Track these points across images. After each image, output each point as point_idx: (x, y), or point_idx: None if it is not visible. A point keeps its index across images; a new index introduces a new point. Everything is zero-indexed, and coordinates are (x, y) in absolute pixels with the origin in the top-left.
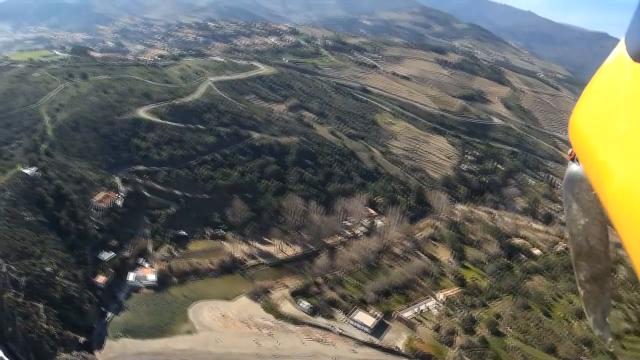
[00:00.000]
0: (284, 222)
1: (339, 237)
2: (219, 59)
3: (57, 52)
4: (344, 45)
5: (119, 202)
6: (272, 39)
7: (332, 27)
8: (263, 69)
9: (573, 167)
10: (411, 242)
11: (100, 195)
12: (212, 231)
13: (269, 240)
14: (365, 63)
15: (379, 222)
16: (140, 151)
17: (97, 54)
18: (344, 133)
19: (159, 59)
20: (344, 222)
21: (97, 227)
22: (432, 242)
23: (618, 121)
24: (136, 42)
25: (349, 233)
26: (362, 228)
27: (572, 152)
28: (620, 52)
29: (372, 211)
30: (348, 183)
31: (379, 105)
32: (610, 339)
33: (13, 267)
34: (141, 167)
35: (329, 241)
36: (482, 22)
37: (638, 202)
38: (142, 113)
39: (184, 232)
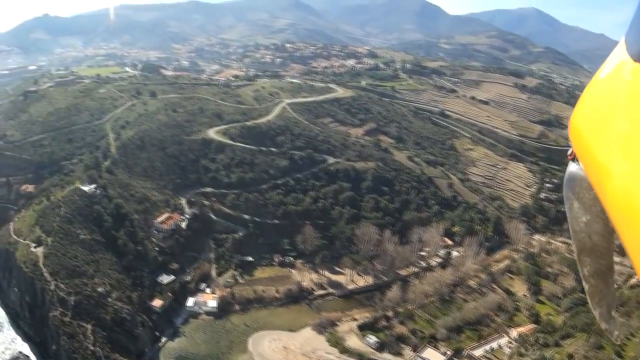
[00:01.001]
0: (357, 251)
1: (413, 268)
2: (294, 80)
3: (128, 69)
4: (422, 69)
5: (183, 224)
6: (351, 62)
7: (411, 50)
8: (340, 92)
9: (573, 167)
10: (487, 275)
11: (163, 217)
12: (280, 258)
13: (340, 270)
14: (444, 87)
15: (454, 253)
16: (209, 173)
17: (169, 73)
18: (422, 159)
19: (233, 79)
20: (419, 252)
21: (158, 249)
22: (509, 274)
23: (618, 121)
24: (212, 62)
25: (424, 264)
26: (438, 259)
27: (572, 152)
28: (620, 52)
29: (448, 241)
30: (425, 211)
31: (458, 130)
32: (616, 332)
33: (62, 286)
34: (209, 189)
35: (403, 272)
36: (557, 46)
37: (637, 202)
38: (213, 134)
39: (250, 258)
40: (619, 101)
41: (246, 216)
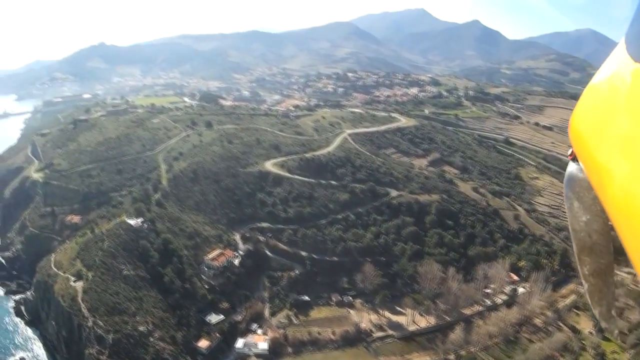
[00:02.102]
0: (419, 290)
1: (478, 307)
2: (356, 110)
3: (185, 99)
4: (485, 96)
5: (236, 261)
6: (413, 90)
7: (473, 77)
8: (403, 121)
9: (573, 167)
10: (553, 312)
11: (214, 253)
12: (338, 297)
13: (401, 310)
14: (508, 113)
15: (520, 289)
16: (265, 207)
17: (227, 103)
18: (487, 189)
19: (293, 109)
20: (484, 290)
21: (207, 287)
22: (575, 310)
23: (618, 121)
24: (273, 92)
25: (489, 302)
26: (503, 296)
27: (572, 152)
28: (620, 52)
29: (514, 277)
30: (491, 245)
31: (523, 158)
32: (616, 331)
33: (100, 323)
34: (265, 225)
35: (467, 312)
36: None
37: (637, 203)
38: (270, 166)
39: (306, 297)
40: (618, 101)
41: (303, 253)
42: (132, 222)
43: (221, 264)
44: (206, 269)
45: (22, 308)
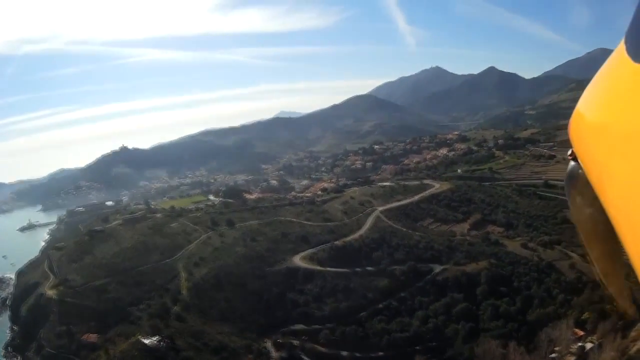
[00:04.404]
0: None
1: None
2: (386, 183)
3: (211, 197)
4: (515, 142)
5: None
6: (442, 151)
7: (499, 125)
8: (436, 186)
9: (573, 167)
10: None
11: None
12: None
13: None
14: (542, 155)
15: (588, 345)
16: (298, 307)
17: (252, 196)
18: (536, 243)
19: (321, 193)
20: (549, 355)
21: None
22: None
23: (618, 122)
24: (302, 178)
25: None
26: (570, 357)
27: (572, 151)
28: (620, 52)
29: (579, 332)
30: (550, 304)
31: (566, 198)
32: (631, 306)
33: None
34: (299, 327)
35: None
36: None
37: (637, 203)
38: (298, 261)
39: None
40: (618, 102)
41: (344, 353)
42: (147, 341)
43: None
44: None
45: None
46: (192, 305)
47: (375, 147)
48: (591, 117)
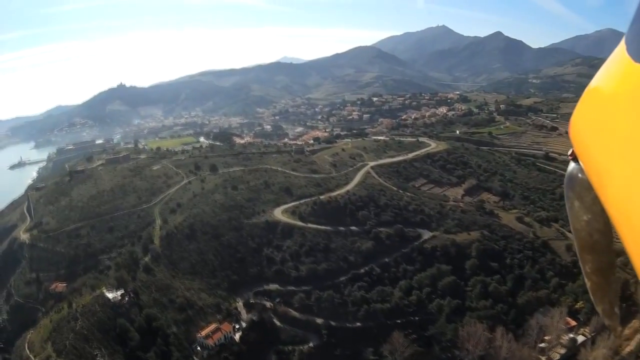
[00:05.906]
0: (461, 357)
1: None
2: (380, 137)
3: (201, 139)
4: (517, 109)
5: (237, 336)
6: (442, 109)
7: (501, 89)
8: (433, 145)
9: (574, 167)
10: None
11: (209, 328)
12: None
13: None
14: (545, 125)
15: (580, 337)
16: (273, 265)
17: (241, 141)
18: (533, 217)
19: (312, 142)
20: (538, 344)
21: None
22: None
23: (618, 122)
24: (296, 124)
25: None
26: (561, 350)
27: (572, 151)
28: (620, 52)
29: (572, 322)
30: (542, 287)
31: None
32: (619, 328)
33: None
34: (273, 287)
35: None
36: None
37: (638, 203)
38: (279, 214)
39: None
40: (619, 102)
41: (319, 320)
42: (110, 295)
43: (216, 342)
44: (199, 348)
45: None
46: (162, 255)
47: (374, 99)
48: (592, 117)
